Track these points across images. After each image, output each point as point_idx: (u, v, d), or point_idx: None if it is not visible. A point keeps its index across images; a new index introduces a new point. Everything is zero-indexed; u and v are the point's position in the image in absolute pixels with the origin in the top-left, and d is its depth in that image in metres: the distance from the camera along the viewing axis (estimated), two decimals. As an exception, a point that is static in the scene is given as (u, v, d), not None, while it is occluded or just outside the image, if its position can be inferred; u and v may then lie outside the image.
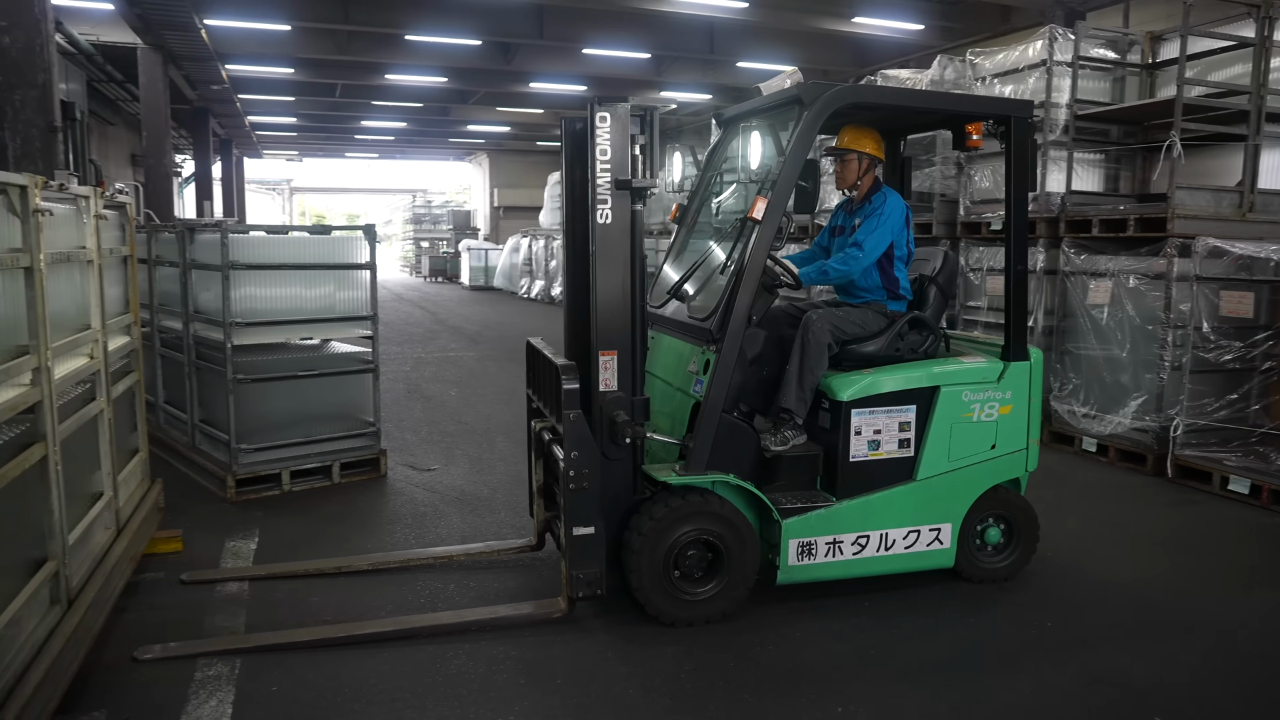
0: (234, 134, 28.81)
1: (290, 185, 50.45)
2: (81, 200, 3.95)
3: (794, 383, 4.16)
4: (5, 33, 6.72)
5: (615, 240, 3.86)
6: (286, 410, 5.85)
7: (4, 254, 3.01)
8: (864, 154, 4.51)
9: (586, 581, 3.85)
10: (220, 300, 5.57)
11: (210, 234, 5.80)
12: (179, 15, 13.27)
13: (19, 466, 3.01)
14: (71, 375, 3.67)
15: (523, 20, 15.69)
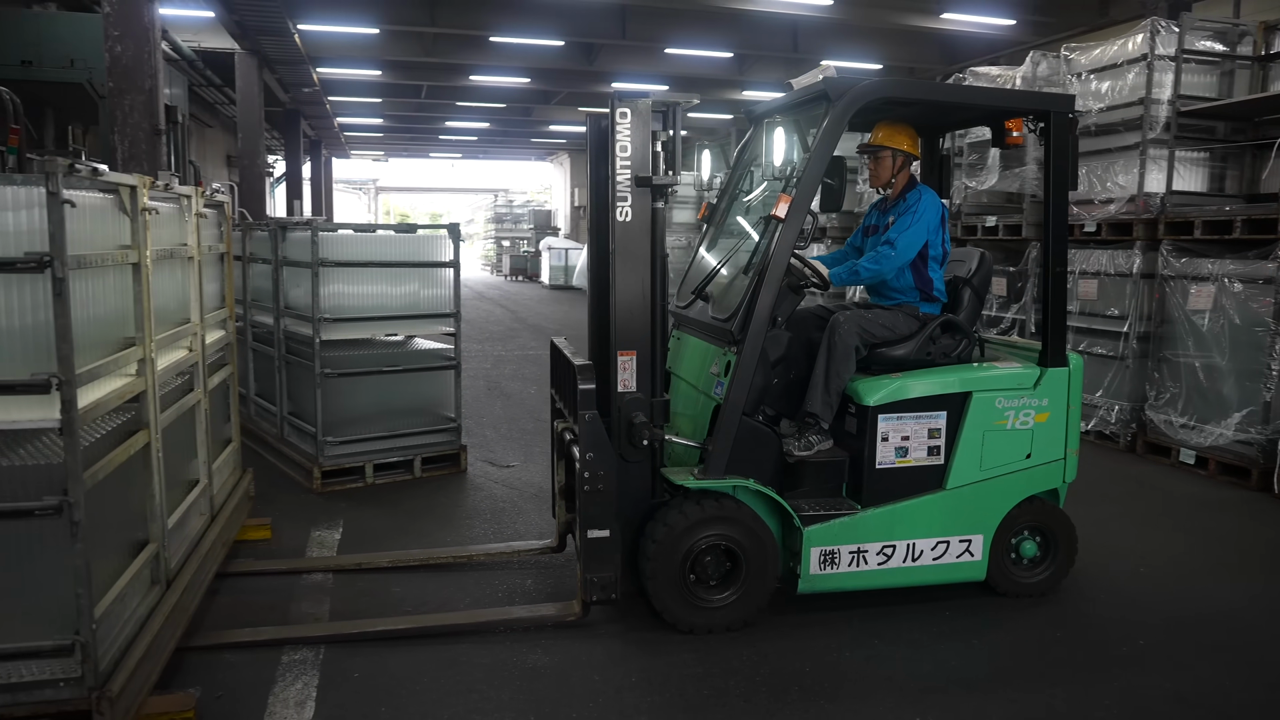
0: (323, 135, 29.71)
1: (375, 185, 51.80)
2: (184, 199, 4.15)
3: (820, 386, 4.09)
4: (117, 42, 7.08)
5: (635, 239, 3.83)
6: (371, 405, 6.03)
7: (115, 250, 3.18)
8: (898, 151, 4.42)
9: (601, 585, 3.81)
10: (310, 296, 5.77)
11: (301, 232, 6.02)
12: (274, 21, 13.77)
13: (125, 452, 3.19)
14: (172, 367, 3.86)
15: (605, 20, 15.82)
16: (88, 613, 2.78)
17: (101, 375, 2.98)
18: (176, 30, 14.40)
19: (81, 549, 2.74)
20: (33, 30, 9.73)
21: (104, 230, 3.15)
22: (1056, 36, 13.82)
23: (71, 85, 9.74)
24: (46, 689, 2.79)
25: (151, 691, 3.14)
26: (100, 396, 2.97)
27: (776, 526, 4.01)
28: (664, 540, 3.80)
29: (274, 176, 27.74)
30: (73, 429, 2.68)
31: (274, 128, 24.48)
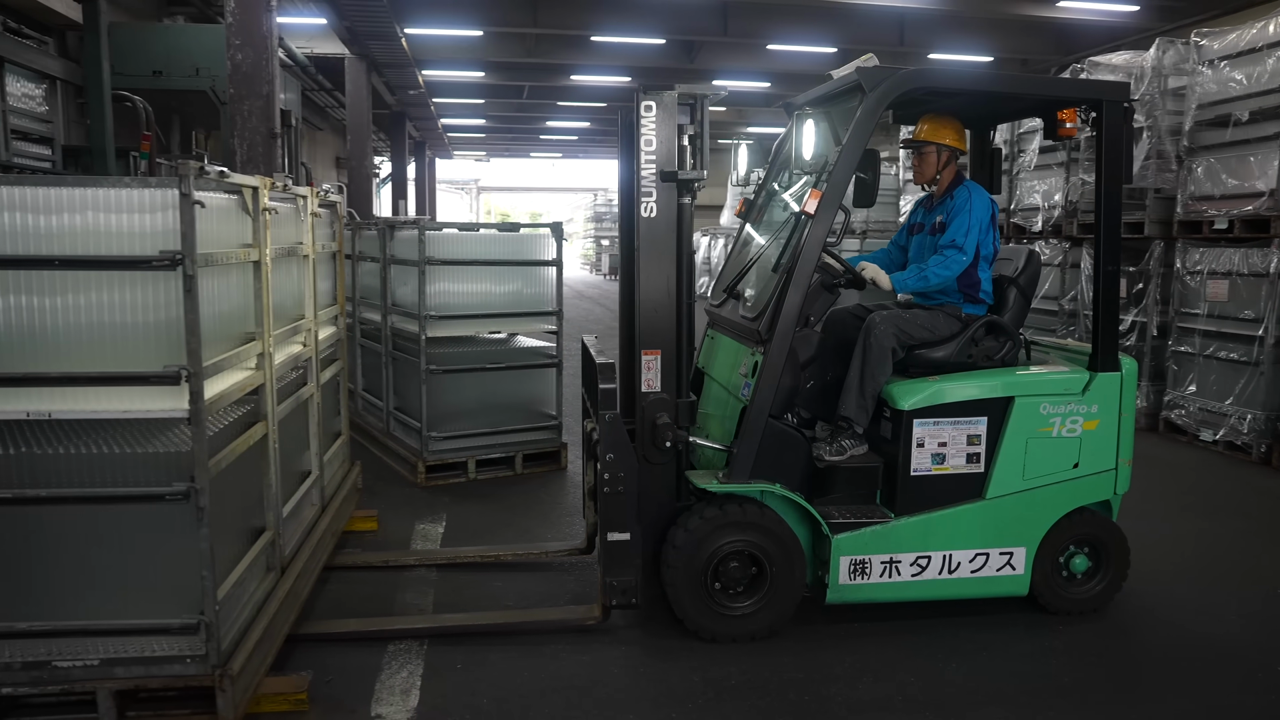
0: (427, 136, 30.54)
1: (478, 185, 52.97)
2: (300, 200, 4.33)
3: (854, 389, 3.98)
4: (238, 50, 7.43)
5: (660, 235, 3.77)
6: (474, 401, 6.17)
7: (238, 249, 3.35)
8: (943, 146, 4.27)
9: (621, 590, 3.76)
10: (416, 294, 5.95)
11: (409, 231, 6.21)
12: (383, 25, 14.23)
13: (245, 443, 3.35)
14: (288, 361, 4.02)
15: (707, 17, 15.83)
16: (211, 594, 2.93)
17: (225, 368, 3.13)
18: (291, 37, 15.03)
19: (207, 533, 2.89)
20: (162, 42, 10.32)
21: (228, 230, 3.31)
22: (1185, 22, 13.20)
23: (196, 93, 10.29)
24: (175, 664, 2.96)
25: (267, 672, 3.30)
26: (224, 389, 3.12)
27: (805, 534, 3.91)
28: (685, 545, 3.75)
29: (380, 177, 28.64)
30: (200, 419, 2.82)
31: (381, 130, 25.28)
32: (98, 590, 2.98)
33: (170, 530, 2.95)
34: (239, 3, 7.47)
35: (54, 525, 2.94)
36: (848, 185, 3.89)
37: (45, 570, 2.96)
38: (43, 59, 7.91)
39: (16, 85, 7.61)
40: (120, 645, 2.95)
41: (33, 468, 2.88)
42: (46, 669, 2.91)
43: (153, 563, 2.99)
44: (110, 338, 2.86)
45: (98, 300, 2.85)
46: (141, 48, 10.05)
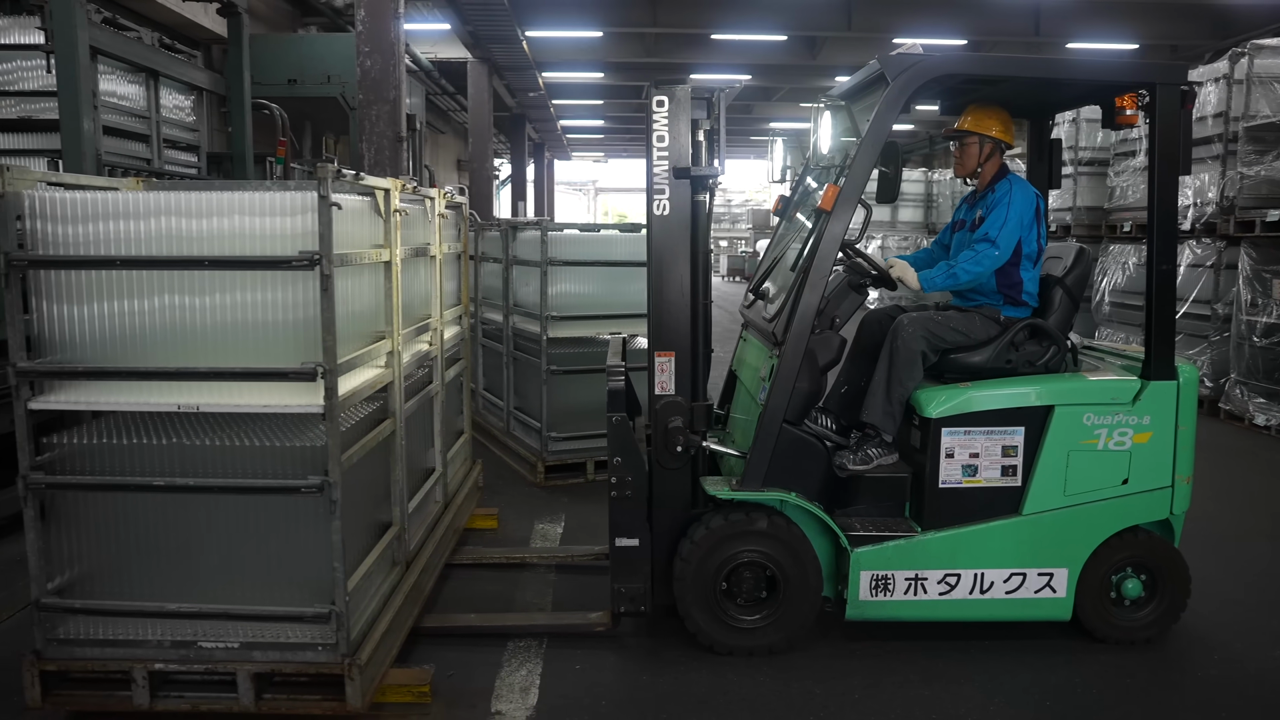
0: (546, 138, 31.13)
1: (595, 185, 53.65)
2: (428, 201, 4.47)
3: (880, 395, 3.82)
4: (367, 57, 7.74)
5: (674, 233, 3.68)
6: (593, 402, 6.23)
7: (370, 250, 3.48)
8: (985, 137, 4.05)
9: (629, 596, 3.71)
10: (538, 294, 6.06)
11: (531, 232, 6.33)
12: (504, 29, 14.58)
13: (375, 439, 3.48)
14: (415, 359, 4.16)
15: (830, 13, 15.62)
16: (342, 585, 3.05)
17: (357, 366, 3.26)
18: (416, 43, 15.55)
19: (339, 526, 3.01)
20: (297, 52, 10.85)
21: (361, 231, 3.45)
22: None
23: (327, 99, 10.77)
24: (307, 651, 3.10)
25: (392, 664, 3.41)
26: (356, 386, 3.26)
27: (826, 546, 3.78)
28: (694, 555, 3.67)
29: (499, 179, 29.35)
30: (334, 415, 2.95)
31: (501, 132, 25.90)
32: (239, 576, 3.14)
33: (305, 522, 3.09)
34: (369, 11, 7.78)
35: (201, 512, 3.12)
36: (867, 180, 3.72)
37: (192, 554, 3.14)
38: (192, 71, 8.42)
39: (169, 97, 8.12)
40: (258, 630, 3.11)
41: (182, 457, 3.07)
42: (193, 648, 3.10)
43: (288, 552, 3.13)
44: (252, 335, 3.02)
45: (241, 299, 3.01)
46: (278, 58, 10.59)
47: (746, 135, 32.78)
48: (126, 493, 3.08)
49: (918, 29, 15.76)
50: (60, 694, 3.11)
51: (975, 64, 4.15)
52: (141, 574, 3.14)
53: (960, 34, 16.09)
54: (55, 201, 2.98)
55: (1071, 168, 11.10)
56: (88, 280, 3.00)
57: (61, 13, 5.62)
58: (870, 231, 17.50)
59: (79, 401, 3.05)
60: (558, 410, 6.16)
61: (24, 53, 6.68)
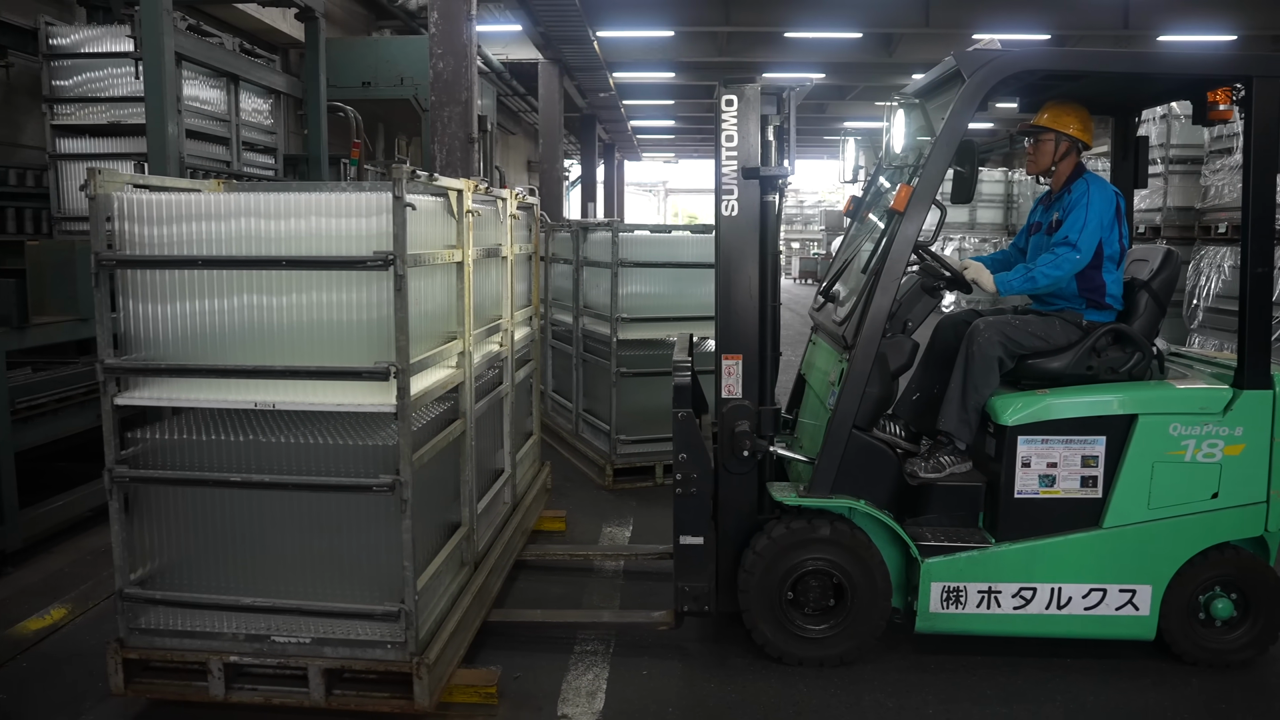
0: (617, 138, 31.25)
1: (665, 186, 53.70)
2: (500, 202, 4.53)
3: (955, 402, 3.75)
4: (440, 59, 7.87)
5: (743, 234, 3.69)
6: (662, 405, 6.19)
7: (443, 250, 3.54)
8: (1062, 135, 3.92)
9: (693, 596, 3.72)
10: (608, 296, 6.09)
11: (602, 233, 6.37)
12: (575, 29, 14.68)
13: (445, 439, 3.54)
14: (485, 360, 4.22)
15: (907, 8, 15.38)
16: (411, 584, 3.11)
17: (429, 366, 3.32)
18: (487, 44, 15.76)
19: (409, 525, 3.07)
20: (371, 54, 11.09)
21: (434, 231, 3.52)
22: None
23: (400, 101, 10.99)
24: (376, 649, 3.17)
25: (460, 664, 3.46)
26: (427, 386, 3.32)
27: (895, 556, 3.72)
28: (758, 562, 3.64)
29: (569, 180, 29.57)
30: (405, 414, 3.01)
31: (571, 133, 26.07)
32: (311, 572, 3.23)
33: (376, 520, 3.16)
34: (441, 14, 7.91)
35: (275, 509, 3.21)
36: (941, 180, 3.68)
37: (267, 549, 3.24)
38: (270, 75, 8.67)
39: (248, 101, 8.37)
40: (329, 626, 3.19)
41: (258, 454, 3.16)
42: (266, 642, 3.19)
43: (360, 550, 3.21)
44: (327, 335, 3.10)
45: (317, 299, 3.10)
46: (353, 61, 10.84)
47: (819, 135, 32.46)
48: (205, 488, 3.18)
49: (999, 24, 15.43)
50: (141, 682, 3.24)
51: (1055, 59, 4.04)
52: (218, 567, 3.25)
53: (1044, 28, 15.70)
54: (141, 203, 3.11)
55: (1161, 166, 10.76)
56: (171, 280, 3.12)
57: (150, 22, 5.83)
58: (948, 233, 17.22)
59: (161, 398, 3.18)
60: (627, 413, 6.18)
61: (114, 60, 6.95)
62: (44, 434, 4.95)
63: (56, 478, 5.20)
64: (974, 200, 17.91)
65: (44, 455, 5.11)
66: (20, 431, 4.71)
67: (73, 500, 5.08)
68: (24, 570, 4.67)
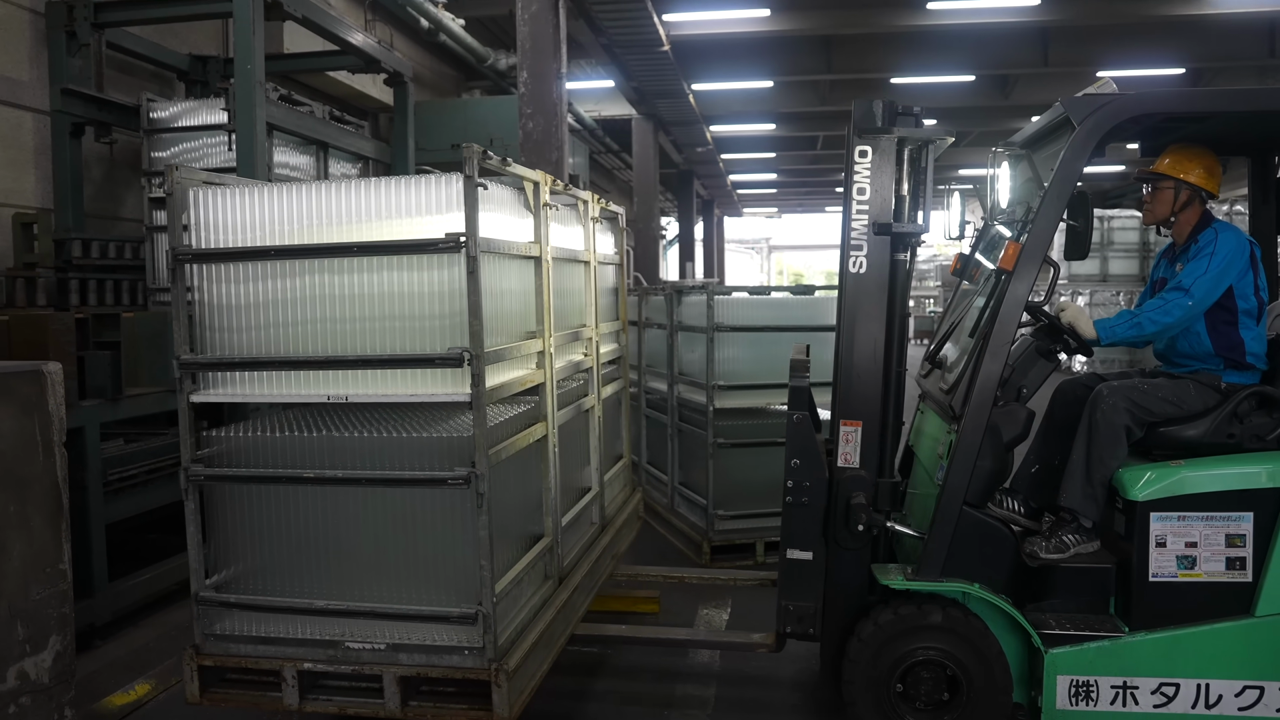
0: (715, 194, 31.56)
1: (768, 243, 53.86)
2: (581, 204, 4.60)
3: (1078, 475, 3.61)
4: (529, 119, 8.14)
5: (870, 293, 3.69)
6: (764, 478, 6.17)
7: (520, 243, 3.64)
8: (1182, 183, 3.77)
9: (797, 616, 3.71)
10: (704, 362, 6.11)
11: (696, 296, 6.42)
12: (670, 84, 14.99)
13: (525, 439, 3.60)
14: (568, 367, 4.25)
15: (1024, 47, 15.26)
16: (489, 585, 3.14)
17: (506, 359, 3.42)
18: (579, 101, 16.20)
19: (486, 521, 3.11)
20: (460, 116, 11.56)
21: (509, 221, 3.63)
22: None
23: (491, 163, 11.35)
24: (453, 655, 3.20)
25: (542, 679, 3.48)
26: (504, 380, 3.41)
27: (1016, 645, 3.58)
28: (864, 650, 3.56)
29: (666, 238, 29.90)
30: (480, 403, 3.08)
31: (667, 189, 26.48)
32: (386, 574, 3.32)
33: (453, 517, 3.24)
34: (531, 73, 8.19)
35: (349, 506, 3.33)
36: (1053, 235, 3.60)
37: (341, 550, 3.35)
38: (358, 142, 9.08)
39: (336, 166, 8.79)
40: (405, 631, 3.26)
41: (332, 450, 3.31)
42: (340, 648, 3.28)
43: (436, 550, 3.29)
44: (400, 324, 3.27)
45: (390, 288, 3.26)
46: (442, 123, 11.29)
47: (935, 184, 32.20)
48: (279, 485, 3.33)
49: (1125, 59, 15.15)
50: (217, 691, 3.35)
51: (1173, 101, 3.93)
52: (292, 570, 3.37)
53: (1177, 62, 15.36)
54: (216, 198, 3.34)
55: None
56: (244, 273, 3.33)
57: (243, 94, 6.21)
58: (1076, 286, 16.72)
59: (236, 394, 3.38)
60: (725, 486, 6.15)
61: (209, 132, 7.39)
62: (134, 506, 5.21)
63: (146, 549, 5.45)
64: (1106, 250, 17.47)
65: (133, 527, 5.35)
66: (111, 503, 4.97)
67: (160, 573, 5.32)
68: (111, 644, 4.89)
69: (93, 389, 4.82)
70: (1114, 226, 17.38)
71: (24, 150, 7.06)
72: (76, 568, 3.52)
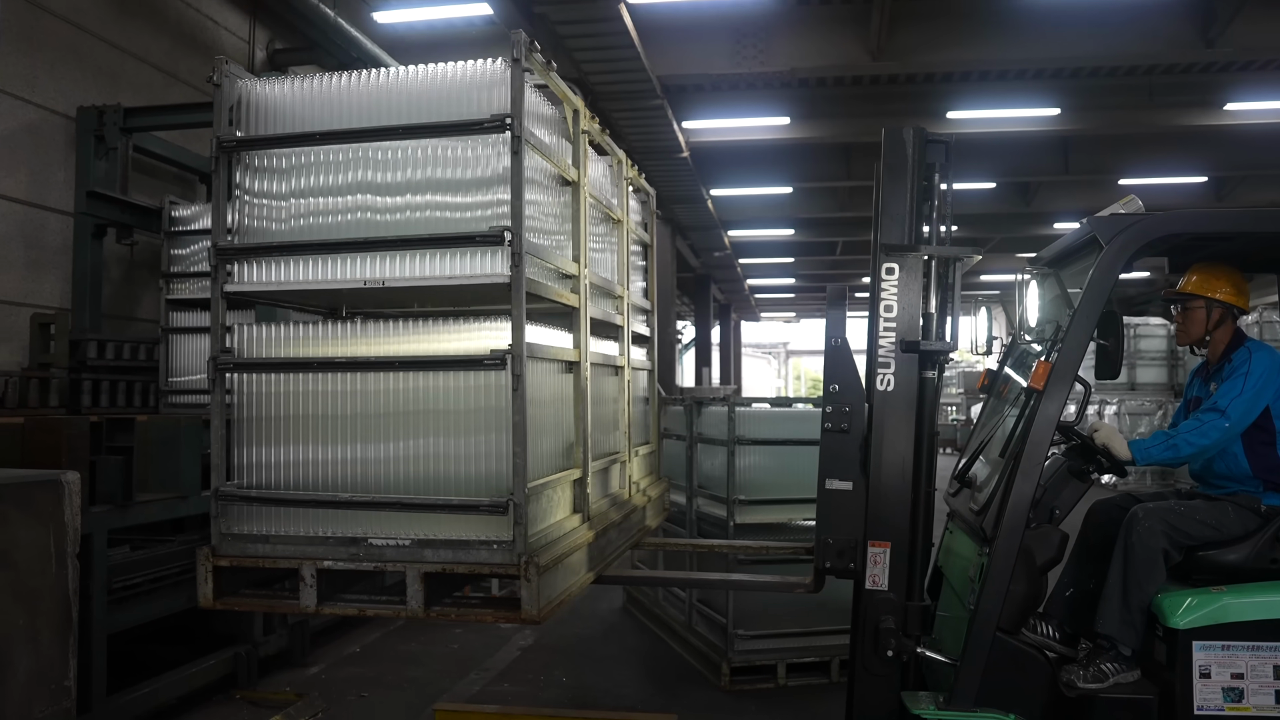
0: (733, 298, 31.90)
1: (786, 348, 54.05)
2: (616, 163, 4.65)
3: (1115, 600, 3.58)
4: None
5: (898, 411, 3.73)
6: (787, 596, 6.10)
7: (563, 164, 3.70)
8: (1213, 301, 3.83)
9: (836, 550, 3.73)
10: (724, 475, 6.10)
11: (717, 408, 6.45)
12: (688, 189, 15.33)
13: (560, 354, 3.63)
14: (599, 308, 4.22)
15: (1045, 155, 15.60)
16: (522, 474, 3.08)
17: (542, 254, 3.45)
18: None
19: (522, 403, 3.09)
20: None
21: (549, 139, 3.65)
22: None
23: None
24: (481, 550, 3.12)
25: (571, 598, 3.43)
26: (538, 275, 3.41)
27: None
28: None
29: (683, 343, 30.10)
30: (519, 283, 3.11)
31: (684, 293, 26.78)
32: (414, 469, 3.27)
33: (486, 403, 3.21)
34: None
35: (380, 395, 3.29)
36: (1083, 355, 3.64)
37: (369, 444, 3.31)
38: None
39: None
40: (431, 526, 3.19)
41: (365, 337, 3.36)
42: (362, 545, 3.21)
43: (467, 441, 3.24)
44: (441, 216, 3.31)
45: (431, 173, 3.34)
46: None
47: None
48: (307, 374, 3.33)
49: (1147, 167, 15.46)
50: (230, 596, 3.32)
51: (1201, 222, 4.02)
52: (318, 468, 3.33)
53: (1198, 170, 15.66)
54: (262, 88, 3.42)
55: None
56: (286, 162, 3.41)
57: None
58: (1105, 394, 16.69)
59: (270, 282, 3.41)
60: (745, 605, 6.07)
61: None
62: (138, 616, 5.18)
63: (148, 660, 5.40)
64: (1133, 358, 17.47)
65: (135, 637, 5.31)
66: (114, 612, 4.94)
67: (161, 687, 5.25)
68: (107, 764, 4.79)
69: (103, 495, 4.85)
70: (1141, 334, 17.44)
71: (46, 251, 7.26)
72: (77, 681, 3.48)
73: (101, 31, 7.78)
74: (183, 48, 8.76)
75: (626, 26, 9.36)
